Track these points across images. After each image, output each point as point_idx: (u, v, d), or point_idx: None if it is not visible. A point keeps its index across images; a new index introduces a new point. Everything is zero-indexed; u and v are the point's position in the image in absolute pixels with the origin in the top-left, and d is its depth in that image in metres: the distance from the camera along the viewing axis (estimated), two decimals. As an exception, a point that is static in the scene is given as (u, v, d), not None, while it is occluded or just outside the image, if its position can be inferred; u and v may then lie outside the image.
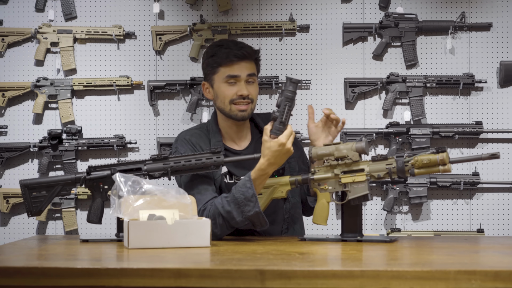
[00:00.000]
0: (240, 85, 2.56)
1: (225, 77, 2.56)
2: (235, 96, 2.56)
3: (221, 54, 2.56)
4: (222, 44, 2.60)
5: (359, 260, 1.88)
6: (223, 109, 2.59)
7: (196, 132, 2.65)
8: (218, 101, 2.60)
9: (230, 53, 2.55)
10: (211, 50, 2.61)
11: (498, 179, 4.17)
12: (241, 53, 2.55)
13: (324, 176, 2.41)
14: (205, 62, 2.63)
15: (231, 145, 2.64)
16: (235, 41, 2.62)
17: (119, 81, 4.24)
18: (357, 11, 4.25)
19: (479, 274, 1.64)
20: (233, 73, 2.55)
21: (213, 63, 2.58)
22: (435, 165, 2.27)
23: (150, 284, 1.69)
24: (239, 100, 2.56)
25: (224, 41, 2.64)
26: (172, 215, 2.17)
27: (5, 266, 1.77)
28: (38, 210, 2.44)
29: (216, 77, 2.59)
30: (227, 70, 2.56)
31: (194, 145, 2.58)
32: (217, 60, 2.57)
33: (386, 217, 4.20)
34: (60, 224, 4.28)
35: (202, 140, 2.60)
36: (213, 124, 2.65)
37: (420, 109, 4.17)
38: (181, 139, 2.62)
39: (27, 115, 4.31)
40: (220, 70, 2.57)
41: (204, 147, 2.58)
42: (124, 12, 4.31)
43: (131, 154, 4.28)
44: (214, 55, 2.58)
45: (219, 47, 2.58)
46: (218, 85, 2.58)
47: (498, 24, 4.19)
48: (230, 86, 2.56)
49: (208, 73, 2.62)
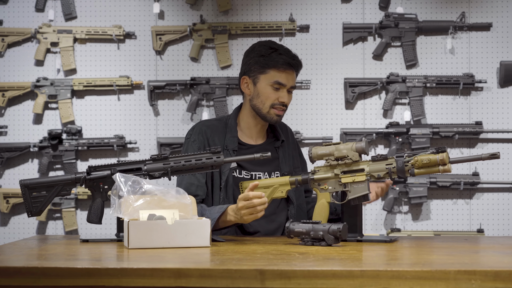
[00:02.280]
0: (283, 92, 2.61)
1: (274, 81, 2.59)
2: (277, 101, 2.61)
3: (276, 58, 2.58)
4: (276, 48, 2.61)
5: (359, 260, 1.88)
6: (260, 109, 2.63)
7: (214, 123, 2.70)
8: (257, 100, 2.63)
9: (284, 60, 2.58)
10: (262, 49, 2.62)
11: (498, 179, 4.17)
12: (294, 63, 2.60)
13: (324, 176, 2.41)
14: (253, 59, 2.63)
15: (247, 140, 2.68)
16: (287, 49, 2.64)
17: (119, 81, 4.24)
18: (357, 11, 4.25)
19: (479, 274, 1.64)
20: (282, 81, 2.59)
21: (263, 63, 2.60)
22: (435, 165, 2.27)
23: (150, 284, 1.69)
24: (279, 106, 2.61)
25: (277, 45, 2.65)
26: (172, 215, 2.17)
27: (5, 266, 1.77)
28: (38, 210, 2.44)
29: (263, 77, 2.61)
30: (277, 75, 2.59)
31: (208, 138, 2.63)
32: (270, 63, 2.59)
33: (386, 217, 4.20)
34: (60, 224, 4.28)
35: (217, 133, 2.65)
36: (233, 119, 2.69)
37: (420, 109, 4.17)
38: (198, 128, 2.68)
39: (27, 115, 4.31)
40: (269, 73, 2.60)
41: (217, 141, 2.63)
42: (124, 12, 4.31)
43: (131, 154, 4.28)
44: (265, 56, 2.60)
45: (273, 50, 2.60)
46: (264, 86, 2.61)
47: (498, 24, 4.20)
48: (274, 90, 2.60)
49: (253, 70, 2.63)
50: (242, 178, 2.60)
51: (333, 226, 2.16)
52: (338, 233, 2.15)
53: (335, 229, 2.15)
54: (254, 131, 2.69)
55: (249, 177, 2.61)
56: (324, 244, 2.16)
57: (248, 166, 2.62)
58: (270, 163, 2.64)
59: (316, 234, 2.17)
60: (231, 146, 2.62)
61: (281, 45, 2.64)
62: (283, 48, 2.62)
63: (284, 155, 2.69)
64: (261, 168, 2.62)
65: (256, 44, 2.68)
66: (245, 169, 2.62)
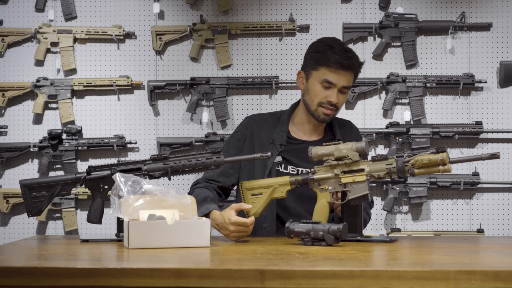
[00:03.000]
0: (333, 91, 2.58)
1: (323, 79, 2.58)
2: (324, 100, 2.59)
3: (329, 56, 2.56)
4: (333, 46, 2.58)
5: (359, 260, 1.87)
6: (309, 105, 2.63)
7: (265, 117, 2.73)
8: (307, 96, 2.64)
9: (336, 60, 2.55)
10: (320, 45, 2.61)
11: (498, 179, 4.17)
12: (346, 64, 2.56)
13: (324, 176, 2.41)
14: (309, 54, 2.63)
15: (299, 136, 2.69)
16: (346, 48, 2.60)
17: (119, 81, 4.24)
18: (357, 11, 4.25)
19: (479, 274, 1.64)
20: (332, 80, 2.57)
21: (316, 60, 2.59)
22: (435, 165, 2.27)
23: (150, 284, 1.69)
24: (326, 105, 2.59)
25: (337, 43, 2.61)
26: (172, 215, 2.17)
27: (5, 266, 1.77)
28: (38, 210, 2.44)
29: (314, 73, 2.61)
30: (327, 73, 2.57)
31: (253, 132, 2.67)
32: (322, 60, 2.57)
33: (386, 217, 4.20)
34: (60, 224, 4.28)
35: (266, 127, 2.67)
36: (287, 114, 2.71)
37: (420, 109, 4.17)
38: (246, 121, 2.73)
39: (27, 115, 4.31)
40: (320, 70, 2.58)
41: (263, 135, 2.65)
42: (124, 12, 4.31)
43: (131, 154, 4.28)
44: (320, 52, 2.58)
45: (328, 48, 2.58)
46: (313, 82, 2.61)
47: (498, 24, 4.19)
48: (324, 88, 2.59)
49: (308, 65, 2.63)
50: (287, 173, 2.60)
51: (333, 226, 2.16)
52: (338, 233, 2.15)
53: (335, 229, 2.15)
54: (307, 127, 2.69)
55: (295, 172, 2.61)
56: (324, 244, 2.16)
57: (296, 161, 2.62)
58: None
59: (316, 234, 2.17)
60: (279, 140, 2.63)
61: (340, 44, 2.60)
62: (341, 47, 2.58)
63: None
64: (309, 165, 2.56)
65: (319, 39, 2.67)
66: (292, 164, 2.62)
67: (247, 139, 2.66)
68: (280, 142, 2.63)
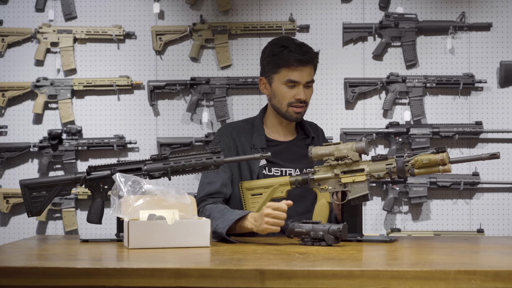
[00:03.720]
0: (299, 89, 2.60)
1: (286, 80, 2.60)
2: (293, 99, 2.61)
3: (284, 57, 2.58)
4: (286, 45, 2.60)
5: (359, 260, 1.88)
6: (279, 109, 2.65)
7: (240, 124, 2.73)
8: (275, 100, 2.65)
9: (294, 57, 2.57)
10: (274, 48, 2.63)
11: (498, 179, 4.17)
12: (305, 59, 2.58)
13: (324, 176, 2.41)
14: (265, 59, 2.65)
15: (275, 137, 2.70)
16: (299, 44, 2.62)
17: (119, 81, 4.24)
18: (357, 11, 4.25)
19: (479, 274, 1.64)
20: (294, 78, 2.59)
21: (274, 63, 2.61)
22: (435, 165, 2.27)
23: (150, 284, 1.69)
24: (296, 104, 2.61)
25: (288, 41, 2.63)
26: (172, 215, 2.17)
27: (5, 266, 1.77)
28: (38, 210, 2.44)
29: (276, 77, 2.62)
30: (289, 74, 2.59)
31: (234, 139, 2.66)
32: (280, 62, 2.59)
33: (386, 217, 4.20)
34: (60, 224, 4.28)
35: (244, 134, 2.67)
36: (259, 119, 2.72)
37: (420, 109, 4.17)
38: (224, 130, 2.71)
39: (27, 115, 4.31)
40: (281, 72, 2.60)
41: (244, 141, 2.65)
42: (124, 12, 4.31)
43: (131, 154, 4.28)
44: (276, 55, 2.60)
45: (282, 48, 2.59)
46: (277, 86, 2.62)
47: (498, 24, 4.19)
48: (289, 89, 2.61)
49: (267, 71, 2.65)
50: (272, 175, 2.62)
51: (333, 226, 2.16)
52: (338, 233, 2.15)
53: (335, 229, 2.15)
54: (281, 129, 2.71)
55: (279, 173, 2.62)
56: (324, 244, 2.16)
57: (280, 163, 2.64)
58: (302, 159, 2.64)
59: (316, 234, 2.17)
60: (259, 144, 2.64)
61: (292, 41, 2.62)
62: (294, 44, 2.60)
63: None
64: (293, 165, 2.63)
65: (270, 42, 2.68)
66: (276, 165, 2.63)
67: (232, 147, 2.64)
68: (260, 146, 2.64)
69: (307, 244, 2.18)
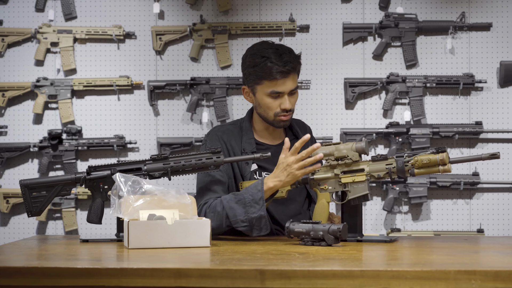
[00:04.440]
0: (284, 98, 2.57)
1: (270, 91, 2.56)
2: (278, 109, 2.57)
3: (266, 69, 2.53)
4: (267, 56, 2.54)
5: (359, 260, 1.88)
6: (266, 118, 2.62)
7: (229, 128, 2.69)
8: (260, 110, 2.62)
9: (276, 70, 2.52)
10: (254, 59, 2.56)
11: (498, 179, 4.17)
12: (286, 70, 2.53)
13: (324, 176, 2.41)
14: (247, 70, 2.60)
15: (264, 140, 2.68)
16: (280, 53, 2.54)
17: (119, 81, 4.24)
18: (357, 11, 4.25)
19: (479, 274, 1.64)
20: (279, 89, 2.55)
21: (257, 75, 2.56)
22: (435, 165, 2.27)
23: (150, 284, 1.69)
24: (282, 113, 2.58)
25: (269, 51, 2.56)
26: (172, 215, 2.17)
27: (5, 266, 1.77)
28: (38, 210, 2.44)
29: (259, 87, 2.58)
30: (272, 85, 2.55)
31: (225, 143, 2.62)
32: (262, 74, 2.54)
33: (386, 217, 4.20)
34: (60, 224, 4.28)
35: (233, 137, 2.64)
36: (247, 122, 2.69)
37: (420, 109, 4.17)
38: (213, 134, 2.66)
39: (27, 115, 4.31)
40: (264, 83, 2.56)
41: (234, 144, 2.62)
42: (124, 12, 4.31)
43: (131, 154, 4.28)
44: (257, 66, 2.55)
45: (263, 59, 2.53)
46: (261, 97, 2.58)
47: (498, 24, 4.19)
48: (273, 99, 2.57)
49: (250, 80, 2.60)
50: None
51: (333, 226, 2.16)
52: (338, 233, 2.15)
53: (335, 229, 2.15)
54: (269, 133, 2.69)
55: None
56: (324, 244, 2.16)
57: (269, 167, 2.60)
58: None
59: (316, 234, 2.17)
60: (249, 148, 2.61)
61: (273, 50, 2.55)
62: (275, 54, 2.53)
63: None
64: None
65: (249, 51, 2.61)
66: (266, 170, 2.61)
67: (224, 151, 2.60)
68: (251, 149, 2.60)
69: (307, 244, 2.18)
